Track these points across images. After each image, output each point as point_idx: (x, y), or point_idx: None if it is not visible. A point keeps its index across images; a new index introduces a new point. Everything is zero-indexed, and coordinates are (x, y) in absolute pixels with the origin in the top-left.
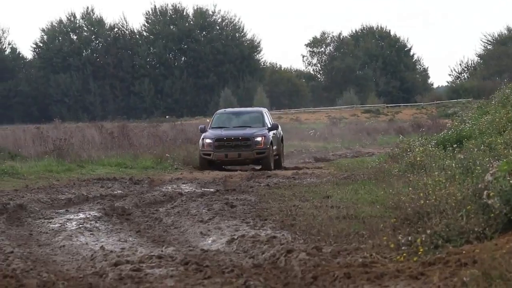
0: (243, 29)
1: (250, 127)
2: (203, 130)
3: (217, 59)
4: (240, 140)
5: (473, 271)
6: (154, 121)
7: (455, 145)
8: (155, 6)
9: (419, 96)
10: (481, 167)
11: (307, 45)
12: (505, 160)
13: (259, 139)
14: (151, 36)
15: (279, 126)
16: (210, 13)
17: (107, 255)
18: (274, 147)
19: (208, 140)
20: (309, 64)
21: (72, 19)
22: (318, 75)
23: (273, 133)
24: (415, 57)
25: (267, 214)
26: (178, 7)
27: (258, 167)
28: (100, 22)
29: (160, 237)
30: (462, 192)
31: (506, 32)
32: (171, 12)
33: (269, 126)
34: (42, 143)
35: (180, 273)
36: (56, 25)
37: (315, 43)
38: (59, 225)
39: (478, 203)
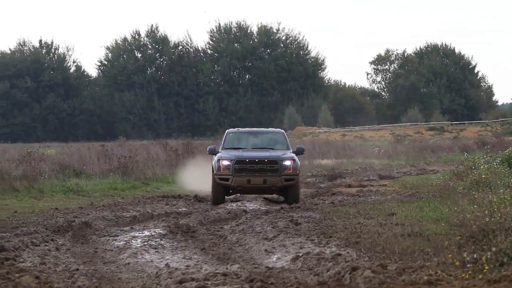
0: (307, 47)
1: (272, 149)
2: (214, 152)
3: (281, 77)
4: (265, 163)
5: None
6: (218, 139)
7: None
8: (219, 24)
9: (484, 113)
10: None
11: (371, 63)
12: None
13: (288, 163)
14: (215, 54)
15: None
16: (274, 30)
17: (172, 273)
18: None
19: (225, 162)
20: (374, 82)
21: (137, 36)
22: (383, 93)
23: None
24: (480, 74)
25: (331, 232)
26: (243, 24)
27: (282, 199)
28: (164, 40)
29: (225, 255)
30: None
31: None
32: (235, 30)
33: (294, 149)
34: (107, 161)
35: None
36: (120, 42)
37: (380, 61)
38: (124, 242)
39: None
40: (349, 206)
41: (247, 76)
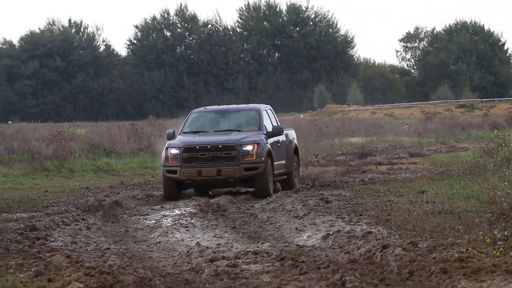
0: (336, 25)
1: (239, 131)
2: (172, 137)
3: (311, 55)
4: (219, 149)
5: None
6: None
7: None
8: (248, 3)
9: None
10: None
11: (400, 40)
12: None
13: (248, 148)
14: (244, 32)
15: (291, 132)
16: (304, 8)
17: (203, 251)
18: (281, 162)
19: (173, 151)
20: (403, 59)
21: (166, 15)
22: (412, 70)
23: (276, 141)
24: (510, 51)
25: (362, 210)
26: (272, 3)
27: (251, 190)
28: (193, 18)
29: (255, 233)
30: None
31: None
32: (264, 8)
33: (269, 130)
34: (137, 140)
35: (276, 268)
36: (150, 22)
37: (409, 38)
38: (155, 221)
39: None
40: (379, 184)
41: (276, 55)
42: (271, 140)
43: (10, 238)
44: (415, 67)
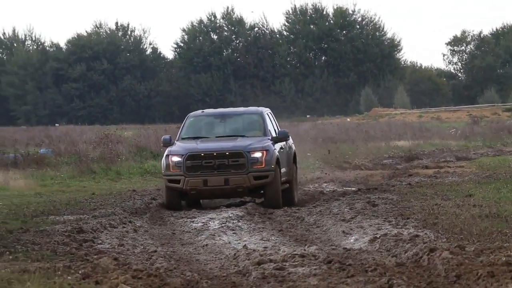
0: (383, 28)
1: (243, 136)
2: (169, 143)
3: (357, 58)
4: (226, 156)
5: None
6: (295, 120)
7: None
8: (295, 6)
9: None
10: None
11: (447, 44)
12: None
13: (257, 155)
14: (291, 36)
15: (289, 136)
16: (350, 12)
17: (250, 254)
18: (283, 170)
19: (175, 158)
20: (450, 63)
21: (213, 19)
22: (459, 74)
23: (281, 147)
24: None
25: (409, 213)
26: (318, 6)
27: (259, 200)
28: (240, 21)
29: (302, 236)
30: None
31: None
32: (311, 12)
33: (274, 135)
34: None
35: (323, 271)
36: (196, 25)
37: (456, 42)
38: (202, 224)
39: None
40: (426, 188)
41: (323, 58)
42: (277, 146)
43: (58, 241)
44: (462, 70)
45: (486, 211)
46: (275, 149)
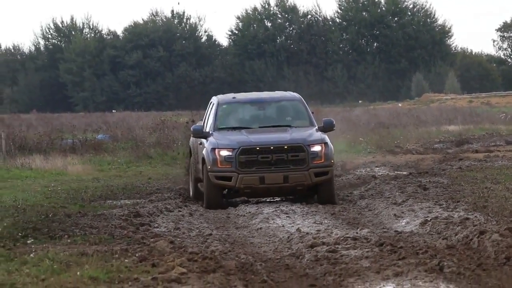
0: (434, 15)
1: (290, 126)
2: (201, 134)
3: (409, 45)
4: (285, 150)
5: None
6: (347, 106)
7: None
8: None
9: None
10: None
11: (497, 30)
12: None
13: (317, 148)
14: (343, 23)
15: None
16: None
17: (303, 237)
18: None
19: (225, 152)
20: (500, 49)
21: (267, 6)
22: (509, 59)
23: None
24: None
25: (459, 196)
26: None
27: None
28: (293, 9)
29: (354, 219)
30: None
31: None
32: None
33: (320, 124)
34: None
35: (375, 254)
36: (251, 12)
37: (506, 28)
38: (256, 208)
39: None
40: (476, 171)
41: (375, 44)
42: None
43: (115, 224)
44: (511, 56)
45: None
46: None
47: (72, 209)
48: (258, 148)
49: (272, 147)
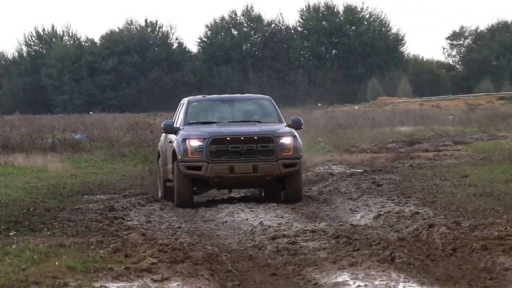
0: (388, 24)
1: (259, 122)
2: (172, 129)
3: (365, 52)
4: (255, 141)
5: None
6: (307, 108)
7: None
8: (308, 4)
9: None
10: None
11: (447, 38)
12: None
13: (287, 140)
14: (305, 31)
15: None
16: (359, 9)
17: (265, 230)
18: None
19: (195, 142)
20: (449, 56)
21: (234, 16)
22: (457, 66)
23: None
24: None
25: (410, 192)
26: (330, 4)
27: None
28: (258, 18)
29: (313, 213)
30: None
31: None
32: (323, 9)
33: (289, 122)
34: None
35: (332, 245)
36: (218, 21)
37: (455, 36)
38: (222, 203)
39: None
40: (426, 169)
41: (333, 51)
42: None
43: (91, 218)
44: (459, 62)
45: (480, 190)
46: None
47: (51, 204)
48: (228, 138)
49: (242, 138)
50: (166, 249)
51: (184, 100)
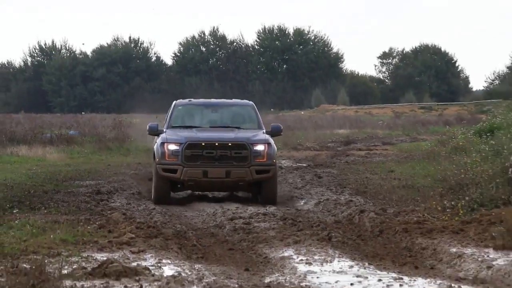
0: (330, 44)
1: (238, 128)
2: (156, 131)
3: (311, 67)
4: (229, 147)
5: (500, 228)
6: (262, 113)
7: (488, 134)
8: (265, 27)
9: (462, 97)
10: (508, 150)
11: (378, 57)
12: None
13: (260, 147)
14: (261, 49)
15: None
16: (306, 32)
17: (225, 212)
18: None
19: (173, 146)
20: (380, 72)
21: (202, 35)
22: (386, 80)
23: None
24: (460, 67)
25: (346, 183)
26: (282, 27)
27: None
28: (223, 38)
29: None
30: (493, 169)
31: None
32: (276, 31)
33: (267, 129)
34: None
35: (280, 226)
36: (190, 39)
37: (385, 56)
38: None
39: (505, 178)
40: (359, 165)
41: (284, 66)
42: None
43: (81, 200)
44: (388, 77)
45: (403, 183)
46: (274, 143)
47: (48, 187)
48: (203, 144)
49: (217, 143)
50: (143, 226)
51: (173, 103)
